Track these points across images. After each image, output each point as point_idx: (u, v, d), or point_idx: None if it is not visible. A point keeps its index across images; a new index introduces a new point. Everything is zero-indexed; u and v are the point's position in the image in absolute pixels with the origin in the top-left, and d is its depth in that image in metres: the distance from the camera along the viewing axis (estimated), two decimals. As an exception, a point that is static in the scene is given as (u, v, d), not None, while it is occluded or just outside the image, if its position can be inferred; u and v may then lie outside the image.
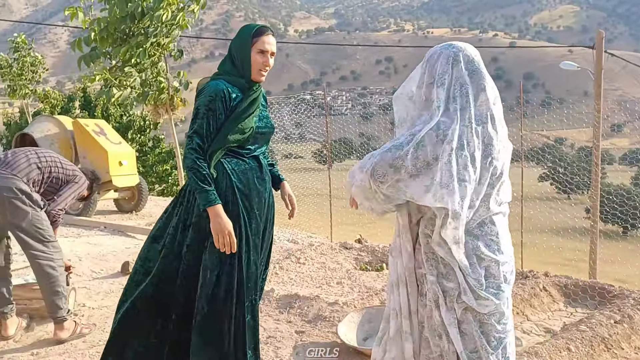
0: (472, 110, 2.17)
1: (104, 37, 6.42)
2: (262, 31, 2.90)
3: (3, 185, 3.78)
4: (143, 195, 10.45)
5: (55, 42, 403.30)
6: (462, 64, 2.21)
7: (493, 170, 2.19)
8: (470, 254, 2.19)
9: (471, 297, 2.19)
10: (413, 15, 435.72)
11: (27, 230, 3.87)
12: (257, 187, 2.94)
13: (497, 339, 2.24)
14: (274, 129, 3.13)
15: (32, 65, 13.82)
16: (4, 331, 4.11)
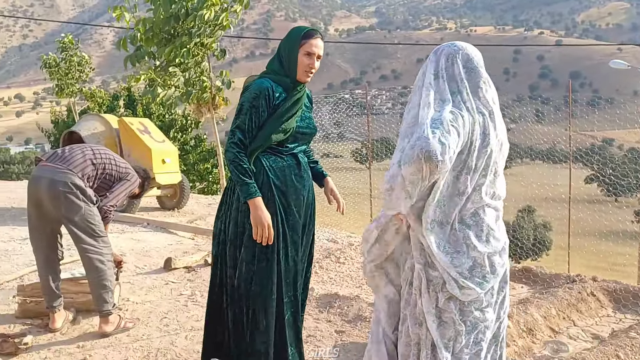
0: (473, 103, 2.29)
1: (149, 37, 6.53)
2: (311, 34, 2.97)
3: (59, 179, 3.90)
4: (185, 193, 10.58)
5: (101, 42, 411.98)
6: (461, 62, 2.35)
7: (488, 160, 2.28)
8: (461, 243, 2.28)
9: (454, 287, 2.26)
10: (456, 13, 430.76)
11: (80, 224, 3.97)
12: (295, 184, 2.98)
13: (472, 324, 2.31)
14: (316, 130, 3.17)
15: (78, 64, 14.11)
16: (52, 324, 4.22)
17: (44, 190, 3.93)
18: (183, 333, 4.27)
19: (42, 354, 3.83)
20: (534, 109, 14.41)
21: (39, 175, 3.98)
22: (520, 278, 5.98)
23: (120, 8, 6.76)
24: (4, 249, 6.77)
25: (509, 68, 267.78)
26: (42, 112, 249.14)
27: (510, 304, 4.82)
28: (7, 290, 5.19)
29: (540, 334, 4.44)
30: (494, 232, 2.33)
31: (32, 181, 4.04)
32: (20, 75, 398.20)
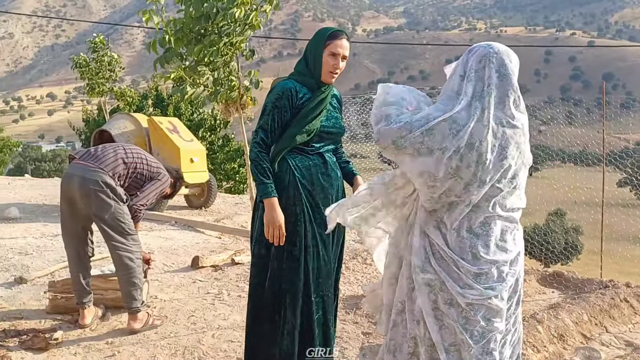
0: (493, 112, 2.17)
1: (179, 37, 6.57)
2: (336, 35, 2.97)
3: (90, 177, 3.95)
4: (212, 192, 10.64)
5: (131, 42, 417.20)
6: (494, 65, 2.21)
7: (504, 172, 2.19)
8: (467, 251, 2.21)
9: (455, 285, 2.21)
10: (485, 13, 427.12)
11: (110, 222, 4.02)
12: (322, 182, 3.00)
13: (480, 333, 2.22)
14: (343, 130, 3.17)
15: (109, 64, 14.28)
16: (82, 320, 4.27)
17: (75, 188, 3.98)
18: (210, 331, 4.29)
19: (72, 350, 3.88)
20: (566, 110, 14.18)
21: (71, 173, 4.05)
22: (551, 283, 5.89)
23: (149, 12, 6.82)
24: (35, 245, 6.87)
25: (540, 69, 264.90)
26: (73, 110, 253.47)
27: (540, 309, 4.77)
28: (39, 286, 5.27)
29: (572, 340, 4.37)
30: (504, 243, 2.25)
31: (65, 179, 4.10)
32: (53, 75, 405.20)
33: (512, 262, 2.28)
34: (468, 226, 2.21)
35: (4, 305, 4.69)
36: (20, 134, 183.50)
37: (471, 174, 2.14)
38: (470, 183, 2.16)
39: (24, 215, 9.03)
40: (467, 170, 2.13)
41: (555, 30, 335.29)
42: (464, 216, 2.22)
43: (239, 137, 19.12)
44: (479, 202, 2.20)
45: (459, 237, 2.22)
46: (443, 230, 2.25)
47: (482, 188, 2.16)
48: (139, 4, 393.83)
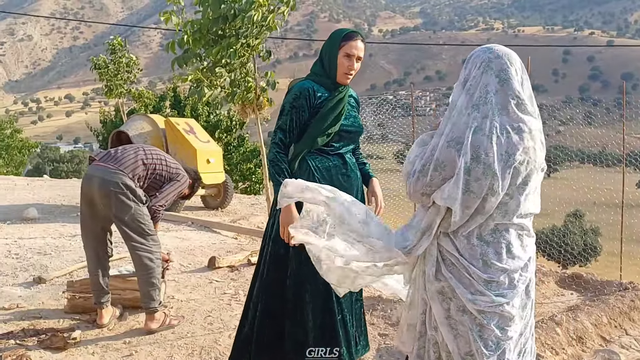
0: (497, 118, 2.11)
1: (197, 39, 6.60)
2: (351, 36, 2.98)
3: (110, 179, 3.99)
4: (228, 193, 10.68)
5: (148, 44, 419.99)
6: (494, 71, 2.15)
7: (514, 180, 2.12)
8: (477, 258, 2.16)
9: (465, 292, 2.15)
10: (503, 13, 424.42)
11: (129, 223, 4.05)
12: (342, 183, 3.00)
13: (495, 343, 2.17)
14: (361, 129, 3.17)
15: (127, 66, 14.38)
16: (99, 320, 4.30)
17: (95, 189, 4.02)
18: (226, 332, 4.29)
19: (90, 349, 3.90)
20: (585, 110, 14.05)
21: (92, 175, 4.08)
22: (570, 284, 5.84)
23: (169, 12, 6.86)
24: (54, 245, 6.93)
25: (558, 69, 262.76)
26: (91, 112, 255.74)
27: (559, 311, 4.72)
28: (57, 285, 5.32)
29: (591, 342, 4.32)
30: (515, 250, 2.20)
31: (85, 180, 4.14)
32: (71, 76, 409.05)
33: (523, 269, 2.23)
34: (478, 233, 2.17)
35: (23, 305, 4.74)
36: (38, 135, 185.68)
37: (481, 186, 2.09)
38: (485, 195, 2.11)
39: (43, 216, 9.12)
40: (476, 183, 2.08)
41: (574, 29, 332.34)
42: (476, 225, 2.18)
43: (255, 138, 19.16)
44: (493, 212, 2.15)
45: (469, 244, 2.18)
46: (453, 237, 2.21)
47: (496, 198, 2.12)
48: (156, 6, 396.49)
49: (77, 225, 8.25)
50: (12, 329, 4.18)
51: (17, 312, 4.57)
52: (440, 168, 2.14)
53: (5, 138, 29.30)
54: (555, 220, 24.93)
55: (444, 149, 2.13)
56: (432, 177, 2.17)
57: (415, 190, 2.25)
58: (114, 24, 49.28)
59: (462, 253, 2.18)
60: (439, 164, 2.14)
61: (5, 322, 4.33)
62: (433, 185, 2.18)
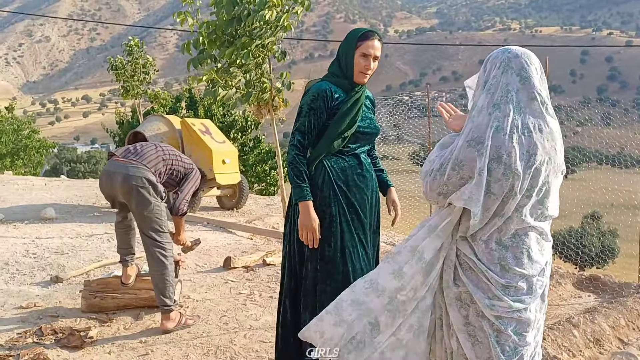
0: (519, 117, 2.08)
1: (212, 39, 6.64)
2: (367, 35, 2.97)
3: (133, 174, 4.06)
4: (244, 193, 10.70)
5: (165, 45, 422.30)
6: (514, 70, 2.13)
7: (533, 181, 2.09)
8: (495, 262, 2.13)
9: (483, 297, 2.13)
10: (520, 13, 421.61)
11: (147, 218, 4.12)
12: (357, 183, 3.00)
13: (512, 348, 2.15)
14: (377, 130, 3.16)
15: (143, 67, 14.46)
16: (125, 279, 4.46)
17: (118, 185, 4.09)
18: (242, 332, 4.31)
19: (107, 348, 3.93)
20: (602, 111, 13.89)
21: (113, 171, 4.13)
22: (587, 286, 5.79)
23: (184, 13, 6.91)
24: (71, 245, 6.99)
25: (575, 70, 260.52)
26: (107, 113, 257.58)
27: (576, 313, 4.68)
28: (74, 285, 5.36)
29: (608, 344, 4.28)
30: (533, 255, 2.17)
31: (106, 176, 4.19)
32: (88, 77, 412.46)
33: (540, 273, 2.21)
34: (498, 238, 2.14)
35: (41, 304, 4.78)
36: (56, 136, 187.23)
37: (502, 187, 2.07)
38: (505, 196, 2.09)
39: (60, 216, 9.20)
40: (496, 184, 2.07)
41: (592, 30, 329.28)
42: (495, 228, 2.15)
43: (270, 139, 19.18)
44: (512, 214, 2.13)
45: (487, 248, 2.15)
46: (471, 241, 2.19)
47: (515, 199, 2.09)
48: (172, 8, 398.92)
49: (93, 225, 8.34)
50: (30, 327, 4.22)
51: (34, 311, 4.62)
52: (459, 167, 2.12)
53: (23, 139, 29.59)
54: (572, 222, 24.73)
55: (464, 148, 2.11)
56: (450, 176, 2.15)
57: (431, 190, 2.23)
58: (130, 25, 49.63)
59: (480, 257, 2.16)
60: (458, 163, 2.12)
61: (22, 321, 4.38)
62: (450, 185, 2.16)
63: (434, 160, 2.26)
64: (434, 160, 2.26)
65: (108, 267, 5.93)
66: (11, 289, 5.19)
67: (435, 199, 2.25)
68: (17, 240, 7.19)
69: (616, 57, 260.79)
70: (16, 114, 31.81)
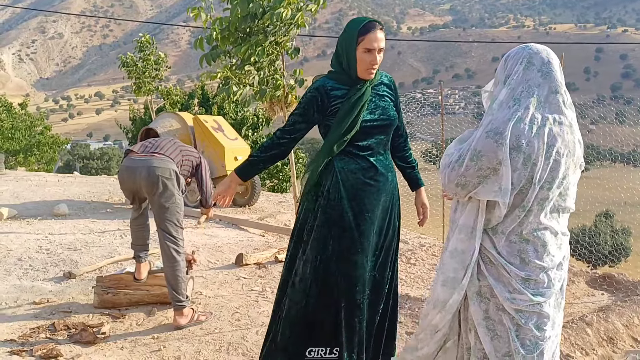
0: (539, 111, 2.10)
1: (225, 36, 6.63)
2: (368, 28, 2.76)
3: (159, 165, 4.11)
4: (256, 191, 10.72)
5: (177, 41, 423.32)
6: (536, 66, 2.15)
7: (554, 173, 2.10)
8: (515, 255, 2.14)
9: (503, 290, 2.14)
10: (534, 10, 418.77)
11: (168, 210, 4.16)
12: (366, 187, 2.84)
13: (533, 343, 2.15)
14: (391, 119, 2.95)
15: (155, 63, 14.48)
16: (138, 275, 4.48)
17: (142, 179, 4.11)
18: (254, 328, 4.31)
19: (119, 344, 3.95)
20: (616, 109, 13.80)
21: (135, 166, 4.15)
22: (600, 285, 5.75)
23: (197, 8, 6.92)
24: (83, 241, 7.04)
25: (590, 67, 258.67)
26: (120, 109, 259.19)
27: (589, 311, 4.65)
28: (87, 281, 5.39)
29: (622, 343, 4.25)
30: (551, 248, 2.17)
31: (128, 172, 4.20)
32: (100, 74, 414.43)
33: (558, 267, 2.21)
34: (519, 231, 2.14)
35: (54, 300, 4.82)
36: (69, 133, 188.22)
37: (521, 177, 2.08)
38: (523, 186, 2.09)
39: (73, 212, 9.27)
40: (514, 174, 2.07)
41: (607, 27, 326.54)
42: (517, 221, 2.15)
43: (283, 136, 19.13)
44: (532, 206, 2.12)
45: (507, 241, 2.16)
46: (491, 234, 2.19)
47: (534, 190, 2.09)
48: (184, 4, 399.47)
49: (106, 222, 8.39)
50: (43, 323, 4.25)
51: (47, 306, 4.65)
52: (477, 158, 2.13)
53: (37, 135, 29.81)
54: (585, 220, 24.58)
55: (483, 139, 2.12)
56: (468, 166, 2.15)
57: (449, 181, 2.24)
58: (143, 22, 49.79)
59: (500, 251, 2.16)
60: (476, 154, 2.13)
61: (36, 317, 4.41)
62: (468, 176, 2.16)
63: (453, 153, 2.26)
64: (453, 153, 2.26)
65: (121, 263, 5.97)
66: (24, 285, 5.23)
67: (454, 190, 2.25)
68: (31, 236, 7.25)
69: (631, 54, 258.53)
70: (29, 110, 32.04)
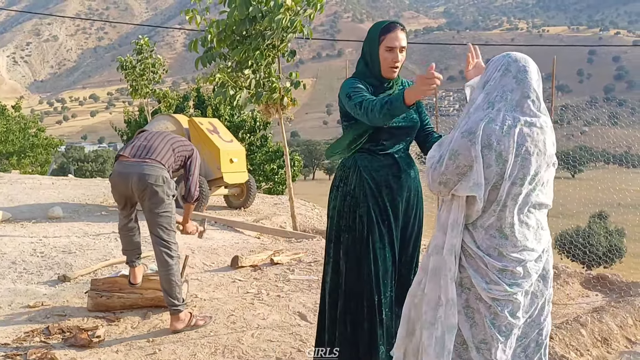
0: (510, 113, 2.23)
1: (221, 38, 6.65)
2: (390, 27, 2.88)
3: (149, 173, 4.10)
4: (251, 193, 10.72)
5: (172, 44, 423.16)
6: (512, 73, 2.28)
7: (525, 170, 2.23)
8: (493, 248, 2.26)
9: (481, 281, 2.26)
10: (527, 13, 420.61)
11: (159, 215, 4.15)
12: (390, 184, 2.94)
13: (509, 329, 2.29)
14: (415, 122, 3.04)
15: (152, 66, 14.47)
16: (133, 279, 4.49)
17: (133, 185, 4.11)
18: (249, 331, 4.31)
19: (114, 347, 3.94)
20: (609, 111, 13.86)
21: (127, 172, 4.15)
22: (595, 285, 5.77)
23: (192, 11, 6.93)
24: (78, 244, 7.02)
25: (583, 69, 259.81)
26: (115, 112, 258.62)
27: (583, 312, 4.67)
28: (82, 284, 5.38)
29: (616, 344, 4.27)
30: (529, 243, 2.28)
31: (120, 177, 4.19)
32: (95, 76, 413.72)
33: (537, 259, 2.32)
34: (498, 226, 2.26)
35: (48, 303, 4.80)
36: (63, 135, 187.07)
37: (494, 173, 2.21)
38: (496, 182, 2.22)
39: (67, 215, 9.24)
40: (487, 170, 2.20)
41: (599, 29, 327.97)
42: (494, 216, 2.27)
43: (277, 137, 19.17)
44: (507, 201, 2.25)
45: (487, 235, 2.27)
46: (471, 229, 2.31)
47: (505, 185, 2.22)
48: (180, 6, 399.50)
49: (101, 224, 8.37)
50: (37, 326, 4.24)
51: (42, 310, 4.64)
52: (455, 157, 2.25)
53: (30, 137, 29.71)
54: (579, 221, 24.66)
55: (459, 139, 2.25)
56: (447, 165, 2.28)
57: (433, 180, 2.35)
58: (138, 24, 49.70)
59: (480, 244, 2.28)
60: (454, 153, 2.26)
61: (30, 320, 4.40)
62: (448, 174, 2.29)
63: (434, 156, 2.40)
64: (434, 156, 2.40)
65: (115, 266, 5.95)
66: (19, 288, 5.21)
67: (437, 188, 2.36)
68: (25, 239, 7.23)
69: (623, 56, 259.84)
70: (23, 112, 31.95)
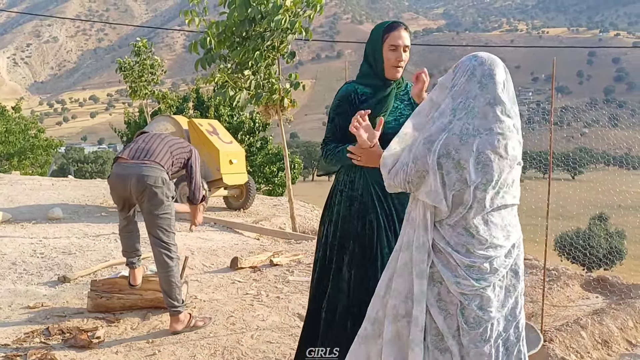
0: (471, 121, 2.25)
1: (221, 40, 6.65)
2: (393, 26, 2.86)
3: (148, 174, 4.08)
4: (251, 194, 10.72)
5: (172, 45, 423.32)
6: (477, 77, 2.28)
7: (487, 176, 2.26)
8: (461, 245, 2.31)
9: (450, 276, 2.30)
10: (527, 14, 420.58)
11: (158, 216, 4.14)
12: (378, 192, 2.89)
13: (477, 321, 2.33)
14: None
15: (151, 67, 14.49)
16: (133, 281, 4.47)
17: (132, 186, 4.09)
18: (249, 332, 4.31)
19: (114, 348, 3.94)
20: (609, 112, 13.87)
21: (126, 173, 4.13)
22: (595, 288, 5.77)
23: (191, 12, 6.93)
24: (78, 245, 7.02)
25: (582, 71, 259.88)
26: (115, 113, 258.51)
27: (584, 315, 4.67)
28: (81, 285, 5.38)
29: (616, 346, 4.27)
30: (497, 241, 2.33)
31: (118, 179, 4.18)
32: (95, 78, 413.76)
33: (507, 255, 2.36)
34: (464, 225, 2.30)
35: (48, 304, 4.80)
36: (63, 136, 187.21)
37: (454, 179, 2.24)
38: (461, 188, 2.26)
39: (67, 216, 9.24)
40: (447, 177, 2.25)
41: (599, 31, 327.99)
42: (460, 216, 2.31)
43: (277, 139, 19.16)
44: (472, 204, 2.29)
45: (455, 232, 2.32)
46: (438, 227, 2.36)
47: (469, 191, 2.26)
48: (179, 8, 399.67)
49: (101, 225, 8.37)
50: (37, 327, 4.24)
51: (41, 310, 4.64)
52: (415, 161, 2.31)
53: (30, 138, 29.71)
54: (579, 223, 24.65)
55: (420, 145, 2.30)
56: (411, 167, 2.33)
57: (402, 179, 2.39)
58: (138, 26, 49.68)
59: (448, 241, 2.33)
60: (414, 157, 2.31)
61: (30, 321, 4.39)
62: (411, 175, 2.34)
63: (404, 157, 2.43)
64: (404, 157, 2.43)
65: (115, 267, 5.95)
66: (19, 289, 5.21)
67: (406, 186, 2.41)
68: (25, 240, 7.22)
69: (623, 58, 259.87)
70: (23, 114, 31.95)
